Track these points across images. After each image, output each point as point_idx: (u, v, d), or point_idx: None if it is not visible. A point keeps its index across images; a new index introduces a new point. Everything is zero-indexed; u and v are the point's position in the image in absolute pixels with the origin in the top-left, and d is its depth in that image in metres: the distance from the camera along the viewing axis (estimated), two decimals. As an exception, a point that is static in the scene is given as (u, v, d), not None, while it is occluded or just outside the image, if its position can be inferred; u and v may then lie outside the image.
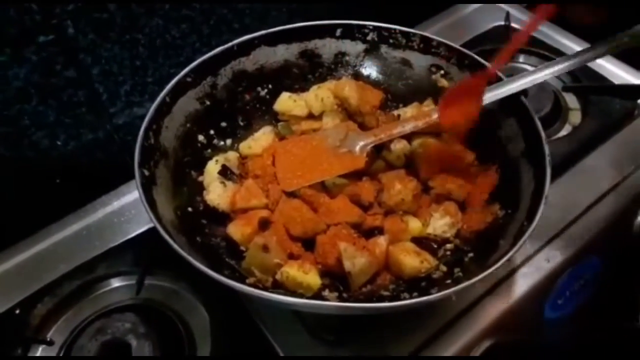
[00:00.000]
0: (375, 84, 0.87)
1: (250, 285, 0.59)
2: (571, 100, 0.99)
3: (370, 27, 0.85)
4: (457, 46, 0.82)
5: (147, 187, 0.65)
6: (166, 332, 0.74)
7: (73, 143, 0.85)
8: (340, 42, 0.86)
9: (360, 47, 0.87)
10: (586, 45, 1.08)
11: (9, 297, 0.77)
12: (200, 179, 0.76)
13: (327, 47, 0.86)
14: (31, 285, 0.78)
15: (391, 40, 0.86)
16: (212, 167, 0.76)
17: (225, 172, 0.76)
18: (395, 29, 0.85)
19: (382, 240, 0.69)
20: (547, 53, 1.06)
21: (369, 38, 0.86)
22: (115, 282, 0.81)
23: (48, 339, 0.75)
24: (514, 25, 1.13)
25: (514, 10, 1.18)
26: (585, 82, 1.00)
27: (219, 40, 0.89)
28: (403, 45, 0.85)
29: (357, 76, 0.88)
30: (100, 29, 0.78)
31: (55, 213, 0.87)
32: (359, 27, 0.85)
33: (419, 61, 0.85)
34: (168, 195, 0.68)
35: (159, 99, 0.72)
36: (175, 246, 0.58)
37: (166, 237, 0.58)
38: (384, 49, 0.87)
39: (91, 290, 0.80)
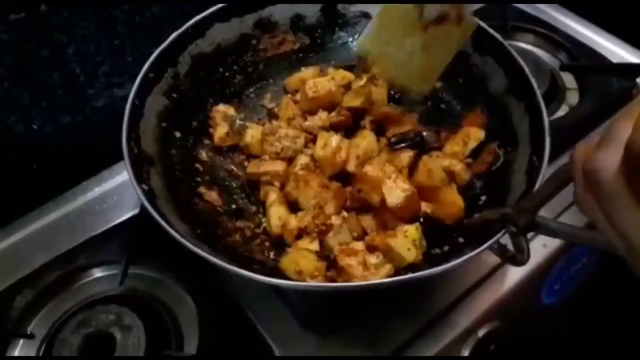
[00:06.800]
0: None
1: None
2: (568, 79, 0.97)
3: None
4: None
5: (154, 204, 0.60)
6: (152, 323, 0.72)
7: (50, 127, 0.82)
8: (295, 6, 0.83)
9: (315, 7, 0.84)
10: (583, 21, 1.07)
11: (-15, 290, 0.74)
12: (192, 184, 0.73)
13: (281, 13, 0.83)
14: (9, 277, 0.75)
15: None
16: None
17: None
18: None
19: None
20: (545, 31, 1.03)
21: None
22: (98, 272, 0.78)
23: (28, 333, 0.72)
24: (509, 2, 1.10)
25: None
26: (583, 60, 0.98)
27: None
28: None
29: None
30: (75, 5, 0.74)
31: (33, 201, 0.84)
32: None
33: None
34: (170, 206, 0.64)
35: (128, 104, 0.67)
36: (233, 268, 0.55)
37: (216, 260, 0.55)
38: (340, 5, 0.84)
39: (73, 281, 0.77)
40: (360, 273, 0.62)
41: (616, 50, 1.02)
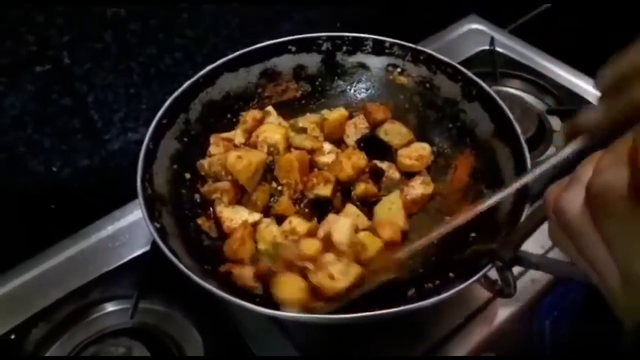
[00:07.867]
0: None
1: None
2: (555, 122, 1.02)
3: (324, 38, 0.89)
4: (410, 44, 0.87)
5: (165, 241, 0.64)
6: (160, 356, 0.75)
7: (68, 169, 0.86)
8: (297, 57, 0.90)
9: (316, 58, 0.90)
10: (568, 67, 1.13)
11: (4, 323, 0.78)
12: (199, 221, 0.77)
13: (285, 64, 0.90)
14: (26, 311, 0.79)
15: (345, 48, 0.90)
16: None
17: None
18: (347, 36, 0.89)
19: None
20: (532, 77, 1.09)
21: (323, 48, 0.90)
22: (110, 307, 0.81)
23: (43, 365, 0.76)
24: (498, 49, 1.17)
25: (498, 35, 1.22)
26: (568, 104, 1.03)
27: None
28: (357, 50, 0.90)
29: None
30: (95, 58, 0.80)
31: (49, 238, 0.88)
32: (313, 40, 0.89)
33: (375, 63, 0.90)
34: (179, 243, 0.68)
35: (143, 147, 0.72)
36: (236, 300, 0.58)
37: (222, 294, 0.59)
38: (339, 56, 0.91)
39: (86, 315, 0.80)
40: (328, 284, 0.63)
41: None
